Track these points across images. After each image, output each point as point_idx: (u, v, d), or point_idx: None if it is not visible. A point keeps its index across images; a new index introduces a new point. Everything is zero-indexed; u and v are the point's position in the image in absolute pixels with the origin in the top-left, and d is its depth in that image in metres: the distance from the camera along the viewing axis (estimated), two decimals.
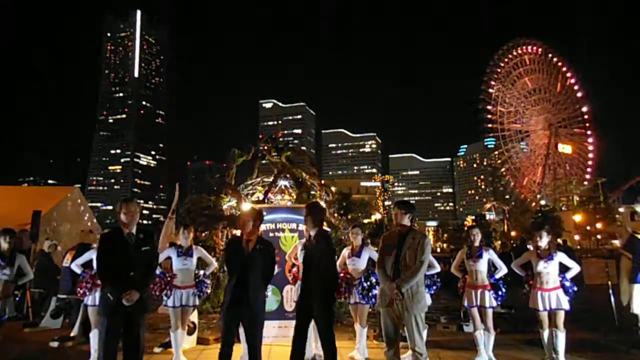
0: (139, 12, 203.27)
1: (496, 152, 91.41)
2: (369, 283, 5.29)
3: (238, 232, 4.44)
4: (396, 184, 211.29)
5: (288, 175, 10.15)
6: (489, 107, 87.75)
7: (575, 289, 5.35)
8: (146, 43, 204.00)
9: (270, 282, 5.32)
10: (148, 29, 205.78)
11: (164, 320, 7.15)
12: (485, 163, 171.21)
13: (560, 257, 5.27)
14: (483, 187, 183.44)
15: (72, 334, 6.56)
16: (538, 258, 5.27)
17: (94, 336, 5.23)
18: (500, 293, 5.45)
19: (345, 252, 5.66)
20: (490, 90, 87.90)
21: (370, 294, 5.29)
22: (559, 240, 17.29)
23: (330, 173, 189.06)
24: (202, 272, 5.64)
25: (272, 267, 4.21)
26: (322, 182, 10.50)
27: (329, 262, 4.26)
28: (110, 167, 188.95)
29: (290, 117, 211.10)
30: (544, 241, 5.33)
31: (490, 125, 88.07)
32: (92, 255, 5.49)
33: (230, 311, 3.88)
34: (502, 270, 5.50)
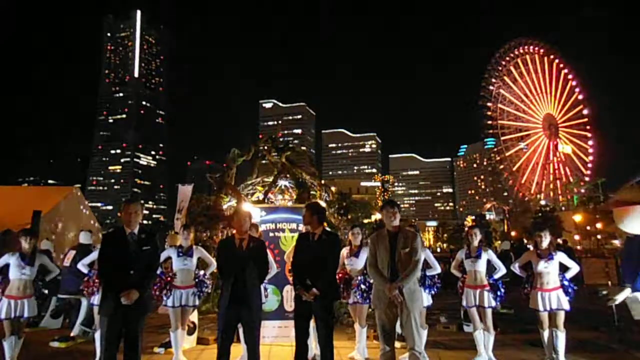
0: (139, 12, 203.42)
1: (495, 149, 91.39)
2: (368, 284, 5.29)
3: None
4: (396, 184, 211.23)
5: (288, 175, 10.15)
6: (489, 104, 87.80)
7: (575, 287, 5.34)
8: (146, 43, 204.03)
9: (267, 281, 5.34)
10: (148, 29, 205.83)
11: (164, 320, 7.16)
12: (485, 163, 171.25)
13: (560, 257, 5.28)
14: (483, 187, 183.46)
15: (72, 334, 6.56)
16: (538, 258, 5.27)
17: (99, 336, 5.21)
18: (499, 293, 5.45)
19: (344, 252, 5.66)
20: (491, 88, 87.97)
21: (369, 294, 5.28)
22: (559, 240, 17.29)
23: (330, 173, 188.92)
24: (202, 272, 5.64)
25: (266, 265, 4.21)
26: (322, 182, 10.51)
27: (334, 263, 4.25)
28: (110, 167, 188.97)
29: (290, 117, 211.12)
30: (546, 241, 5.34)
31: (489, 122, 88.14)
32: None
33: (228, 310, 3.88)
34: (501, 271, 5.50)
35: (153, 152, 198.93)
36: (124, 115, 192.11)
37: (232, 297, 3.87)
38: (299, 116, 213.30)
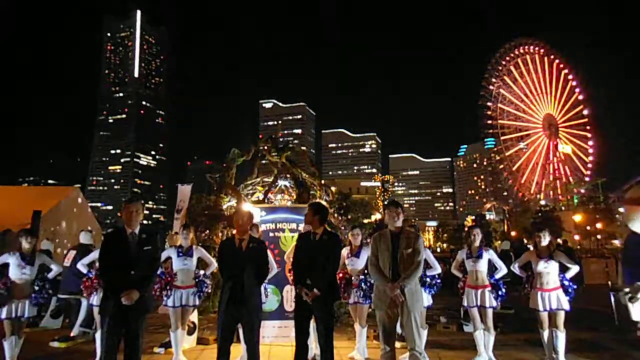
0: (139, 12, 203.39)
1: (495, 149, 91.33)
2: (369, 284, 5.29)
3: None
4: (396, 184, 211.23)
5: (288, 175, 10.15)
6: (489, 104, 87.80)
7: (575, 287, 5.34)
8: (146, 43, 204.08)
9: (267, 281, 5.34)
10: (148, 29, 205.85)
11: (164, 320, 7.15)
12: (485, 163, 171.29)
13: (560, 257, 5.28)
14: (483, 187, 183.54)
15: (72, 334, 6.56)
16: (538, 258, 5.27)
17: (99, 336, 5.21)
18: (500, 293, 5.45)
19: (345, 252, 5.67)
20: (491, 87, 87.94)
21: (370, 294, 5.28)
22: (559, 240, 17.30)
23: (330, 173, 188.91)
24: (202, 272, 5.64)
25: (265, 266, 4.21)
26: (322, 182, 10.50)
27: (334, 263, 4.25)
28: (110, 167, 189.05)
29: (290, 117, 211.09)
30: (545, 241, 5.34)
31: (489, 122, 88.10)
32: (97, 255, 5.48)
33: (228, 310, 3.88)
34: (502, 271, 5.50)
35: (153, 152, 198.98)
36: (124, 115, 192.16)
37: (231, 297, 3.87)
38: (299, 116, 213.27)
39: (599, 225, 53.11)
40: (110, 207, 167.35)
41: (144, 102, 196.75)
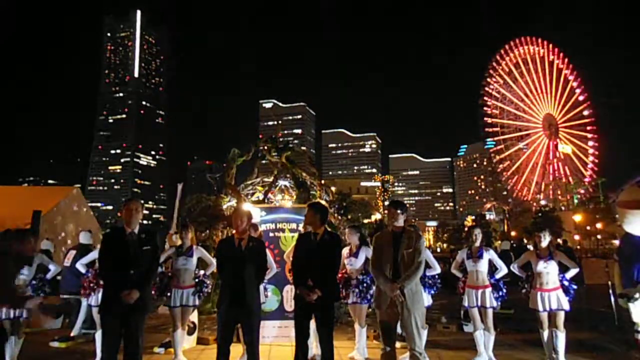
0: (139, 12, 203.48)
1: (495, 149, 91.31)
2: (365, 285, 5.29)
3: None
4: (396, 184, 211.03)
5: (288, 175, 10.14)
6: (489, 104, 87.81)
7: (575, 287, 5.34)
8: (146, 43, 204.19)
9: (267, 281, 5.34)
10: (148, 29, 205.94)
11: (164, 320, 7.16)
12: (485, 163, 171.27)
13: (560, 257, 5.28)
14: (483, 187, 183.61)
15: (72, 334, 6.56)
16: (537, 258, 5.27)
17: (99, 336, 5.21)
18: (500, 293, 5.46)
19: (345, 252, 5.66)
20: (491, 87, 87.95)
21: (367, 295, 5.28)
22: (559, 240, 17.30)
23: (330, 173, 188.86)
24: (202, 272, 5.64)
25: (264, 265, 4.20)
26: (322, 182, 10.49)
27: (334, 263, 4.24)
28: (110, 167, 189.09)
29: (290, 117, 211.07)
30: (545, 242, 5.34)
31: (489, 121, 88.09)
32: (97, 255, 5.48)
33: (227, 310, 3.88)
34: (503, 271, 5.50)
35: (153, 152, 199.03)
36: (124, 115, 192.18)
37: (230, 297, 3.87)
38: (299, 116, 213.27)
39: (599, 225, 53.06)
40: (110, 207, 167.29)
41: (144, 102, 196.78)
